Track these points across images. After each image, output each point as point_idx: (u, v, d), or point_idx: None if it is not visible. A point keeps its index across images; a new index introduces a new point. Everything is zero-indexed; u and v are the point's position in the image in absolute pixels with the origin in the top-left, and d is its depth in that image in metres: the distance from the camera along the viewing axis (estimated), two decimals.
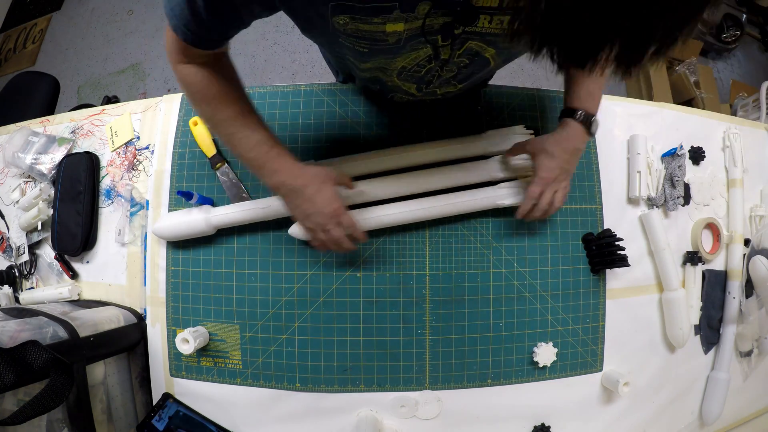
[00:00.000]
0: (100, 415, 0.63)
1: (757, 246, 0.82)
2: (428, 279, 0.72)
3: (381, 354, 0.71)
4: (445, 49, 0.47)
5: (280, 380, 0.71)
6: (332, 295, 0.71)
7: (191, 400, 0.72)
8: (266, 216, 0.68)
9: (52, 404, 0.47)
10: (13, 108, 1.37)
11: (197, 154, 0.75)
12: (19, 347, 0.48)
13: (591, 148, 0.78)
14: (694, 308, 0.80)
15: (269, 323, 0.71)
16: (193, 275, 0.72)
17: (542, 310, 0.73)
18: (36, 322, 0.58)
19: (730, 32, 2.50)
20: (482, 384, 0.72)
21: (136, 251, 0.76)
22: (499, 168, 0.69)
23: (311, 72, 2.13)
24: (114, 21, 2.38)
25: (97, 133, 0.82)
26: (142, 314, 0.74)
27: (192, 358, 0.72)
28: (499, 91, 0.79)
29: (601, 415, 0.77)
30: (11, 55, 2.43)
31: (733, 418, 0.86)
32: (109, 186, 0.79)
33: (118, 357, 0.68)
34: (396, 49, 0.46)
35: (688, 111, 0.88)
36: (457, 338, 0.72)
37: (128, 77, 2.22)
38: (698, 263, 0.80)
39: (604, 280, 0.76)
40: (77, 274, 0.78)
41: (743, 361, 0.86)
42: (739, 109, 2.10)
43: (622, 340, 0.77)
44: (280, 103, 0.76)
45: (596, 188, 0.78)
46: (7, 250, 0.82)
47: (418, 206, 0.67)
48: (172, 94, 0.79)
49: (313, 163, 0.68)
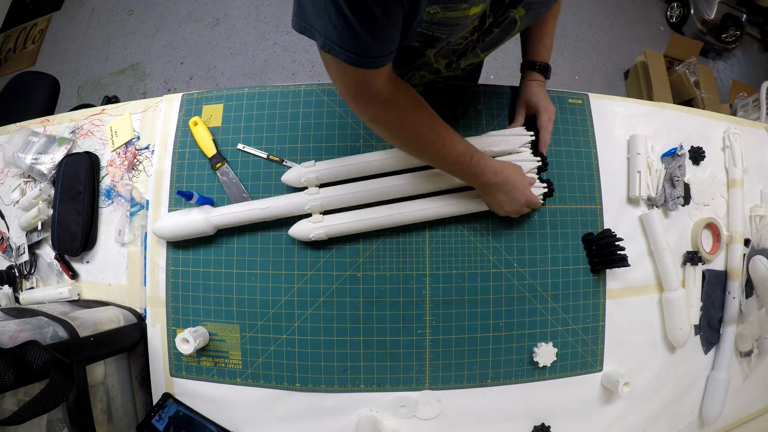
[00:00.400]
0: (100, 415, 0.63)
1: (757, 246, 0.82)
2: (428, 279, 0.72)
3: (381, 354, 0.71)
4: (490, 19, 0.49)
5: (280, 380, 0.71)
6: (332, 295, 0.71)
7: (191, 400, 0.72)
8: (267, 216, 0.68)
9: (52, 404, 0.47)
10: (13, 108, 1.38)
11: (197, 154, 0.75)
12: (19, 347, 0.48)
13: (591, 148, 0.79)
14: (694, 308, 0.80)
15: (269, 323, 0.71)
16: (193, 275, 0.72)
17: (542, 310, 0.73)
18: (36, 322, 0.58)
19: (730, 32, 2.50)
20: (482, 384, 0.72)
21: (136, 251, 0.76)
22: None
23: (311, 72, 2.13)
24: (114, 21, 2.38)
25: (97, 133, 0.82)
26: (142, 314, 0.74)
27: (192, 358, 0.72)
28: (499, 91, 0.79)
29: (601, 415, 0.76)
30: (11, 55, 2.43)
31: (733, 418, 0.86)
32: (109, 186, 0.79)
33: (118, 357, 0.68)
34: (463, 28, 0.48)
35: (688, 111, 0.88)
36: (457, 338, 0.72)
37: (128, 77, 2.23)
38: (698, 263, 0.80)
39: (604, 280, 0.76)
40: (77, 274, 0.78)
41: (743, 361, 0.86)
42: (739, 109, 2.10)
43: (622, 340, 0.77)
44: (280, 103, 0.76)
45: (596, 188, 0.78)
46: (7, 250, 0.82)
47: (418, 207, 0.68)
48: (172, 94, 0.79)
49: None
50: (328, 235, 0.68)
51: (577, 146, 0.78)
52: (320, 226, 0.67)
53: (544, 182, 0.71)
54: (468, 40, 0.54)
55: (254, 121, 0.76)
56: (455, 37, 0.52)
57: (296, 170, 0.69)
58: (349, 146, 0.74)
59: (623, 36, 2.48)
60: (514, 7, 0.49)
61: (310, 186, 0.68)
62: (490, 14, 0.49)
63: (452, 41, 0.53)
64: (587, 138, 0.79)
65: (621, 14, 2.55)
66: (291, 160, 0.74)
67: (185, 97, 0.78)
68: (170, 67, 2.21)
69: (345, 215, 0.68)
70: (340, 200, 0.68)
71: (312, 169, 0.68)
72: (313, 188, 0.68)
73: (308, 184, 0.68)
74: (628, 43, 2.45)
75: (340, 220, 0.68)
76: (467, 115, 0.77)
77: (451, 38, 0.51)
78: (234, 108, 0.76)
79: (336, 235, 0.69)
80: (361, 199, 0.68)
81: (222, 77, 2.16)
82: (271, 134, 0.75)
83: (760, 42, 2.78)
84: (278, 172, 0.73)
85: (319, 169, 0.68)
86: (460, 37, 0.53)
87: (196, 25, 2.29)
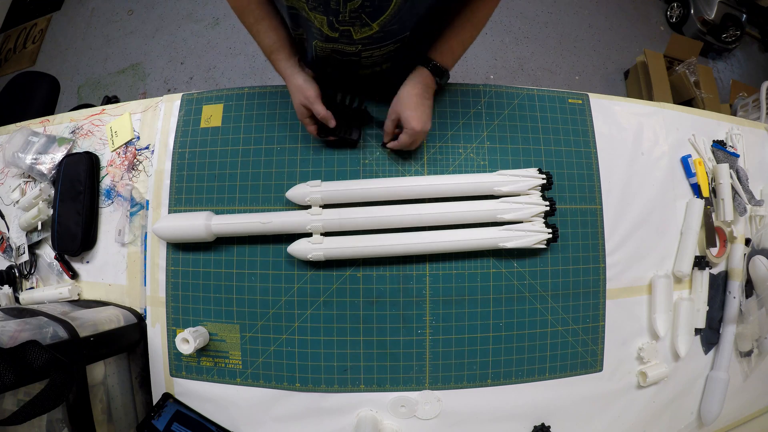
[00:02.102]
0: (100, 415, 0.63)
1: (757, 246, 0.82)
2: (428, 279, 0.72)
3: (381, 354, 0.71)
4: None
5: (280, 380, 0.71)
6: (332, 295, 0.71)
7: (191, 400, 0.72)
8: (267, 231, 0.68)
9: (52, 404, 0.47)
10: (13, 108, 1.38)
11: (197, 154, 0.75)
12: (19, 347, 0.48)
13: (591, 148, 0.79)
14: (700, 312, 0.80)
15: (269, 323, 0.71)
16: (193, 275, 0.72)
17: (542, 310, 0.73)
18: (36, 322, 0.58)
19: (730, 32, 2.50)
20: (482, 384, 0.72)
21: (136, 251, 0.76)
22: (505, 209, 0.69)
23: None
24: (114, 21, 2.38)
25: (97, 133, 0.82)
26: (142, 314, 0.74)
27: (192, 358, 0.72)
28: (499, 91, 0.79)
29: (601, 415, 0.77)
30: (11, 55, 2.43)
31: (733, 418, 0.86)
32: (109, 186, 0.79)
33: (118, 357, 0.68)
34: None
35: (688, 111, 0.88)
36: (457, 338, 0.72)
37: (128, 77, 2.22)
38: (705, 267, 0.80)
39: (604, 281, 0.76)
40: (77, 274, 0.78)
41: (743, 361, 0.86)
42: (739, 109, 2.10)
43: (622, 340, 0.77)
44: (280, 103, 0.76)
45: (596, 188, 0.78)
46: (7, 250, 0.82)
47: (420, 240, 0.68)
48: (172, 94, 0.79)
49: (304, 73, 0.66)
50: (326, 258, 0.67)
51: (577, 146, 0.78)
52: (320, 248, 0.67)
53: (549, 227, 0.70)
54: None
55: (254, 121, 0.76)
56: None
57: (301, 188, 0.68)
58: (348, 146, 0.74)
59: (623, 36, 2.48)
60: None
61: (314, 206, 0.68)
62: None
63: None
64: (587, 138, 0.79)
65: (621, 14, 2.55)
66: (291, 160, 0.74)
67: (185, 97, 0.78)
68: (170, 67, 2.21)
69: (345, 239, 0.68)
70: (343, 224, 0.68)
71: (318, 189, 0.68)
72: (316, 208, 0.68)
73: (312, 203, 0.68)
74: (628, 43, 2.46)
75: (340, 244, 0.67)
76: (467, 115, 0.77)
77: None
78: (234, 108, 0.76)
79: (334, 258, 0.68)
80: (364, 225, 0.68)
81: (222, 77, 2.16)
82: (271, 134, 0.75)
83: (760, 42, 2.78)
84: (278, 184, 0.73)
85: (325, 190, 0.68)
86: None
87: (196, 25, 2.29)
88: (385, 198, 0.69)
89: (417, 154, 0.75)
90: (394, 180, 0.70)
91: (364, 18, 0.57)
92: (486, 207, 0.69)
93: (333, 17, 0.57)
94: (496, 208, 0.69)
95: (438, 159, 0.75)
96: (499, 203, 0.69)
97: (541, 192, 0.71)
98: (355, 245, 0.67)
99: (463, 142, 0.76)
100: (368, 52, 0.65)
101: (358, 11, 0.55)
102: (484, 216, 0.69)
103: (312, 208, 0.68)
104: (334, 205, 0.69)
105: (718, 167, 0.82)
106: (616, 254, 0.77)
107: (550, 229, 0.69)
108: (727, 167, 0.82)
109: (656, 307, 0.76)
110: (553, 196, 0.74)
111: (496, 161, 0.76)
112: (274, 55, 0.65)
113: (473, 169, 0.75)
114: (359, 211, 0.68)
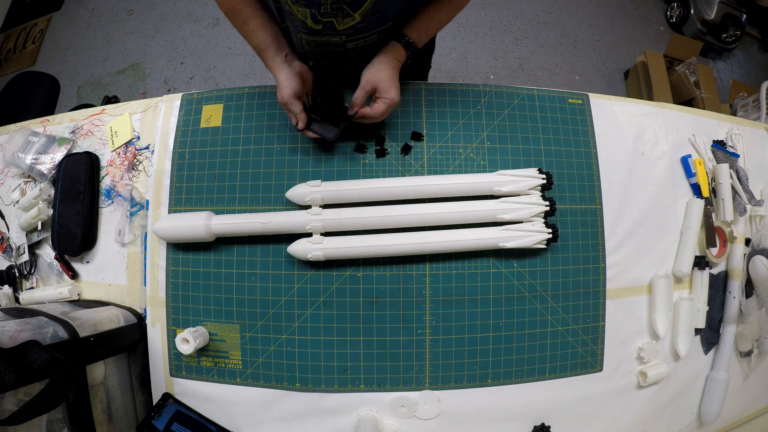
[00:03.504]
0: (100, 415, 0.63)
1: (757, 246, 0.82)
2: (428, 279, 0.72)
3: (381, 354, 0.71)
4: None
5: (280, 380, 0.71)
6: (332, 295, 0.71)
7: (191, 400, 0.72)
8: (267, 231, 0.68)
9: (52, 404, 0.47)
10: (13, 108, 1.38)
11: (197, 154, 0.75)
12: (19, 347, 0.48)
13: (591, 148, 0.79)
14: (700, 312, 0.80)
15: (269, 323, 0.71)
16: (193, 275, 0.72)
17: (542, 310, 0.73)
18: (36, 322, 0.58)
19: (730, 32, 2.50)
20: (482, 384, 0.72)
21: (136, 251, 0.76)
22: (505, 209, 0.69)
23: None
24: (114, 21, 2.38)
25: (97, 133, 0.82)
26: (142, 314, 0.74)
27: (192, 358, 0.72)
28: (499, 91, 0.79)
29: (601, 415, 0.76)
30: (11, 55, 2.43)
31: (733, 418, 0.86)
32: (109, 186, 0.79)
33: (118, 357, 0.68)
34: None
35: (688, 111, 0.88)
36: (457, 338, 0.72)
37: (128, 77, 2.22)
38: (705, 268, 0.80)
39: (604, 281, 0.76)
40: (77, 274, 0.78)
41: (743, 361, 0.86)
42: (739, 109, 2.10)
43: (622, 340, 0.77)
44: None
45: (596, 188, 0.78)
46: (7, 250, 0.82)
47: (420, 240, 0.68)
48: (172, 94, 0.79)
49: (290, 66, 0.65)
50: (326, 258, 0.67)
51: (577, 146, 0.78)
52: (319, 248, 0.67)
53: (549, 227, 0.70)
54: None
55: (254, 121, 0.76)
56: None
57: (301, 188, 0.68)
58: (348, 144, 0.74)
59: (623, 36, 2.48)
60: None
61: (314, 206, 0.68)
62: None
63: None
64: (587, 138, 0.79)
65: (621, 14, 2.55)
66: (291, 160, 0.74)
67: (185, 97, 0.78)
68: (170, 67, 2.21)
69: (345, 239, 0.68)
70: (343, 224, 0.68)
71: (318, 189, 0.68)
72: (316, 208, 0.68)
73: (312, 203, 0.68)
74: (628, 43, 2.45)
75: (340, 244, 0.67)
76: (467, 115, 0.77)
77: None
78: (234, 108, 0.76)
79: (334, 258, 0.68)
80: (364, 225, 0.68)
81: (222, 77, 2.16)
82: (271, 134, 0.75)
83: (760, 42, 2.78)
84: (278, 184, 0.73)
85: (325, 190, 0.68)
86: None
87: (196, 25, 2.29)
88: (385, 198, 0.69)
89: (417, 154, 0.75)
90: (394, 180, 0.70)
91: (345, 8, 0.58)
92: (486, 207, 0.69)
93: (315, 9, 0.58)
94: (496, 208, 0.69)
95: (438, 159, 0.75)
96: (499, 203, 0.69)
97: (541, 192, 0.71)
98: (355, 245, 0.67)
99: (463, 142, 0.76)
100: (353, 43, 0.66)
101: (340, 2, 0.56)
102: (484, 216, 0.69)
103: (312, 208, 0.68)
104: (334, 205, 0.69)
105: (718, 167, 0.82)
106: (616, 254, 0.77)
107: (550, 229, 0.69)
108: (727, 167, 0.82)
109: (656, 307, 0.76)
110: (553, 196, 0.74)
111: (496, 161, 0.76)
112: (263, 53, 0.65)
113: (473, 169, 0.75)
114: (359, 211, 0.68)
